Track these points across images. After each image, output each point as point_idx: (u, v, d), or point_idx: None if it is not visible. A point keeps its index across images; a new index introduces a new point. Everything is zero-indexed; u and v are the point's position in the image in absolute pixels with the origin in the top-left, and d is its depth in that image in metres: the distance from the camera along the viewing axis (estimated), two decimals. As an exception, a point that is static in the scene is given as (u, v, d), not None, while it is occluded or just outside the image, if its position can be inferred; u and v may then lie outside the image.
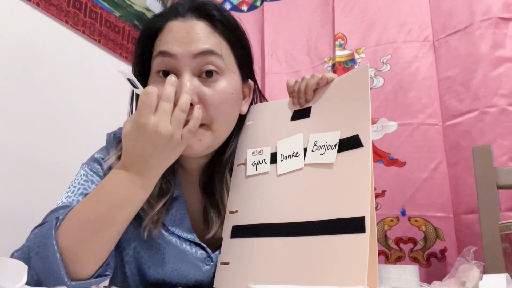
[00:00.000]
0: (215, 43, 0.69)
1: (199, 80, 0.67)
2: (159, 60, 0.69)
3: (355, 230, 0.53)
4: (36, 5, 1.12)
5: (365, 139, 0.58)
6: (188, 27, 0.69)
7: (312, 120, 0.69)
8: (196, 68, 0.67)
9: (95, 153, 0.76)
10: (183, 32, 0.68)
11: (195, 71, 0.67)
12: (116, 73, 0.78)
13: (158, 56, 0.69)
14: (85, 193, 0.69)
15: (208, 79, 0.68)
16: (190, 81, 0.65)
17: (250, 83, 0.79)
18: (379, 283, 0.67)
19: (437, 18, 1.28)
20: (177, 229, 0.72)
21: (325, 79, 0.69)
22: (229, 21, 0.73)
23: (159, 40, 0.70)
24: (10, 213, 1.02)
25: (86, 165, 0.74)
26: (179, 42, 0.67)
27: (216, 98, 0.67)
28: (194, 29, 0.69)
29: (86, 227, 0.58)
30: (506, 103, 1.11)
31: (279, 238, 0.62)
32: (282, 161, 0.68)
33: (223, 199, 0.73)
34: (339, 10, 1.43)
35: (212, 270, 0.72)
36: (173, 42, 0.68)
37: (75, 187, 0.70)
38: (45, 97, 1.13)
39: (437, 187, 1.19)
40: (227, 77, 0.70)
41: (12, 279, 0.45)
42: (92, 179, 0.71)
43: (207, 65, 0.67)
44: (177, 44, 0.67)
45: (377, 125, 1.28)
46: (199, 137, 0.67)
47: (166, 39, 0.69)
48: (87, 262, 0.58)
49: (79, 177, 0.71)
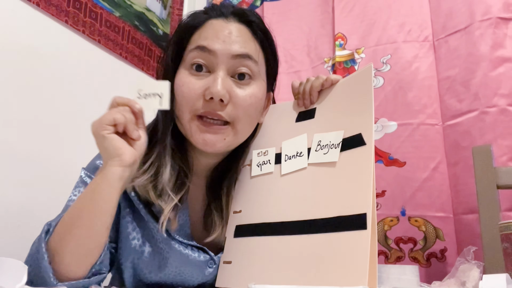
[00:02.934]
0: (254, 49, 0.71)
1: (231, 80, 0.68)
2: (196, 53, 0.69)
3: (357, 227, 0.53)
4: (36, 5, 1.12)
5: (368, 137, 0.58)
6: (231, 28, 0.70)
7: (317, 121, 0.69)
8: (231, 68, 0.68)
9: (95, 157, 0.76)
10: (225, 31, 0.69)
11: (230, 71, 0.68)
12: (116, 73, 0.78)
13: (196, 50, 0.69)
14: None
15: (240, 81, 0.69)
16: (224, 79, 0.67)
17: (271, 94, 0.80)
18: (379, 283, 0.67)
19: (437, 18, 1.28)
20: (179, 236, 0.72)
21: (330, 80, 0.69)
22: (267, 31, 0.75)
23: (199, 34, 0.70)
24: (12, 213, 1.02)
25: (84, 170, 0.74)
26: (221, 40, 0.68)
27: (246, 100, 0.68)
28: (237, 31, 0.70)
29: (63, 226, 0.59)
30: (506, 103, 1.11)
31: (281, 236, 0.62)
32: (286, 161, 0.68)
33: (229, 203, 0.74)
34: (339, 10, 1.43)
35: (215, 272, 0.72)
36: (214, 39, 0.68)
37: (76, 196, 0.71)
38: (44, 97, 1.13)
39: (437, 187, 1.19)
40: (257, 83, 0.71)
41: (12, 279, 0.45)
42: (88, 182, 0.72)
43: (243, 67, 0.68)
44: (218, 42, 0.68)
45: (377, 125, 1.28)
46: (224, 136, 0.68)
47: (207, 35, 0.69)
48: (72, 262, 0.58)
49: (78, 185, 0.72)
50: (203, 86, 0.67)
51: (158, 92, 0.60)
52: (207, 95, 0.66)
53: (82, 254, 0.59)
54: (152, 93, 0.61)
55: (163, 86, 0.61)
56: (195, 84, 0.67)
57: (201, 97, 0.67)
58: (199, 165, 0.76)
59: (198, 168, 0.76)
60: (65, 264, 0.58)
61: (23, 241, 0.63)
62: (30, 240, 0.64)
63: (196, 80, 0.68)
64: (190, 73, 0.69)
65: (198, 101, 0.67)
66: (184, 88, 0.68)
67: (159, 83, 0.61)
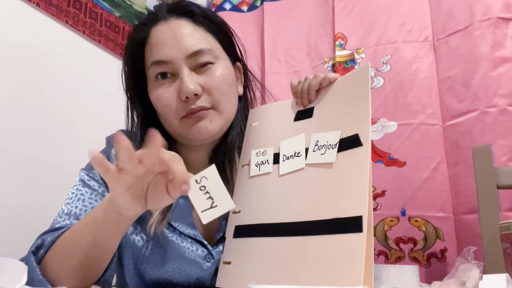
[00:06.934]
0: (202, 38, 0.74)
1: (196, 72, 0.72)
2: (155, 68, 0.73)
3: (352, 230, 0.53)
4: (36, 5, 1.12)
5: (365, 138, 0.58)
6: (173, 27, 0.73)
7: (315, 120, 0.69)
8: (191, 64, 0.72)
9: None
10: (169, 34, 0.72)
11: (191, 67, 0.72)
12: (116, 73, 0.79)
13: (153, 66, 0.73)
14: (82, 198, 0.70)
15: (204, 69, 0.73)
16: (189, 76, 0.70)
17: (239, 65, 0.83)
18: (379, 283, 0.67)
19: (437, 18, 1.28)
20: (180, 224, 0.73)
21: (328, 79, 0.69)
22: (207, 12, 0.77)
23: (149, 48, 0.74)
24: (11, 214, 1.02)
25: (83, 170, 0.75)
26: (170, 46, 0.71)
27: (216, 82, 0.72)
28: (180, 29, 0.72)
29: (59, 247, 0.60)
30: (506, 103, 1.11)
31: (279, 238, 0.62)
32: (284, 161, 0.68)
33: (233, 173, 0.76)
34: (339, 10, 1.42)
35: (213, 267, 0.72)
36: (164, 48, 0.71)
37: (74, 193, 0.72)
38: (45, 97, 1.13)
39: (437, 187, 1.19)
40: (219, 64, 0.74)
41: (12, 279, 0.45)
42: (89, 183, 0.73)
43: (200, 59, 0.72)
44: (168, 49, 0.71)
45: (377, 125, 1.27)
46: (209, 118, 0.72)
47: (156, 46, 0.72)
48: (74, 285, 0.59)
49: (77, 183, 0.73)
50: (175, 91, 0.71)
51: (215, 201, 0.52)
52: (182, 97, 0.70)
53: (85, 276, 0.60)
54: (210, 195, 0.52)
55: (226, 204, 0.52)
56: (168, 92, 0.72)
57: (178, 100, 0.71)
58: (194, 157, 0.79)
59: (195, 158, 0.79)
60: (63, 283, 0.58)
61: (23, 242, 0.63)
62: (30, 241, 0.64)
63: (167, 88, 0.72)
64: (158, 85, 0.73)
65: (178, 105, 0.72)
66: (161, 99, 0.72)
67: (226, 198, 0.52)
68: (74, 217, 0.68)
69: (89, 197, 0.71)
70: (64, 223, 0.67)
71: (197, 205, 0.52)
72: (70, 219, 0.67)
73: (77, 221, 0.65)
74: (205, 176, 0.52)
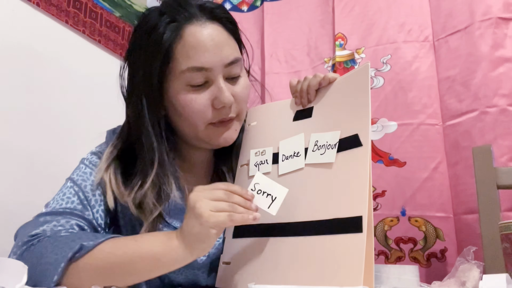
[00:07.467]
0: (236, 47, 0.74)
1: (228, 81, 0.72)
2: (193, 74, 0.69)
3: (352, 230, 0.53)
4: (36, 5, 1.12)
5: (364, 138, 0.58)
6: (211, 33, 0.70)
7: (314, 120, 0.69)
8: (226, 74, 0.72)
9: (94, 148, 0.78)
10: (209, 39, 0.69)
11: (225, 76, 0.72)
12: (117, 73, 0.79)
13: (192, 71, 0.69)
14: (84, 184, 0.71)
15: (234, 80, 0.73)
16: (226, 85, 0.71)
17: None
18: (380, 283, 0.67)
19: (437, 18, 1.28)
20: (175, 221, 0.73)
21: (327, 79, 0.69)
22: (231, 17, 0.76)
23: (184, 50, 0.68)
24: (10, 213, 1.01)
25: (85, 159, 0.76)
26: (212, 53, 0.69)
27: (244, 93, 0.75)
28: (217, 35, 0.71)
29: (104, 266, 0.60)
30: (506, 103, 1.11)
31: (278, 238, 0.62)
32: (284, 161, 0.68)
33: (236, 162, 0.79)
34: (339, 10, 1.42)
35: (208, 261, 0.72)
36: (205, 53, 0.69)
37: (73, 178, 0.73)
38: (45, 97, 1.13)
39: (437, 187, 1.19)
40: (243, 73, 0.76)
41: (12, 279, 0.45)
42: (91, 171, 0.73)
43: (234, 69, 0.72)
44: (209, 56, 0.69)
45: (377, 125, 1.28)
46: (234, 127, 0.75)
47: (195, 50, 0.68)
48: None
49: (77, 170, 0.74)
50: (209, 98, 0.70)
51: (272, 195, 0.60)
52: (218, 105, 0.70)
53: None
54: (267, 193, 0.61)
55: (281, 192, 0.60)
56: (201, 99, 0.70)
57: (210, 107, 0.71)
58: (198, 158, 0.81)
59: (199, 160, 0.81)
60: None
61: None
62: (30, 240, 0.64)
63: (199, 95, 0.70)
64: (191, 90, 0.70)
65: (208, 111, 0.71)
66: (194, 104, 0.70)
67: (278, 187, 0.61)
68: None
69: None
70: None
71: (262, 206, 0.60)
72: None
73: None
74: (257, 183, 0.61)
